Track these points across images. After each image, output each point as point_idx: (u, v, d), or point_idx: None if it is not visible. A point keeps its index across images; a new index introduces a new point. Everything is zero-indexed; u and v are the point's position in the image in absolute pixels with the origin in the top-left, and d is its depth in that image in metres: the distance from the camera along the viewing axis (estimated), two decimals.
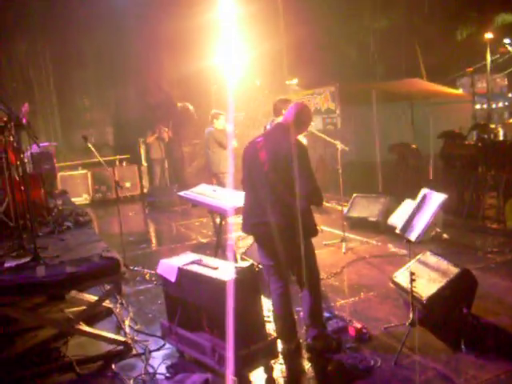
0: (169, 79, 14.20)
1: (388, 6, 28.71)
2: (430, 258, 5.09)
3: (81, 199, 12.37)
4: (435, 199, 4.40)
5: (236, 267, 3.92)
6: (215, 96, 14.40)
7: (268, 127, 6.94)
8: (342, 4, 27.01)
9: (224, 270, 3.97)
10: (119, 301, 5.69)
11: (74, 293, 5.41)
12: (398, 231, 4.69)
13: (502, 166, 12.39)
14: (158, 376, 4.11)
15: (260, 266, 4.81)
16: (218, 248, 6.13)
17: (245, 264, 4.06)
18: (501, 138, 15.94)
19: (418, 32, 30.77)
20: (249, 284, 3.89)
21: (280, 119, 4.60)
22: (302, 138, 6.56)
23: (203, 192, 6.27)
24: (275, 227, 4.14)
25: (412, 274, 4.38)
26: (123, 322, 5.15)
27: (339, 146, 7.21)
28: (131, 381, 4.03)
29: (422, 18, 29.63)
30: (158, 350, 4.57)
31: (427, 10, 29.02)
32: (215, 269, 4.04)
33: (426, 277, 4.81)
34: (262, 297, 4.09)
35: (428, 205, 4.43)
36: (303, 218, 4.13)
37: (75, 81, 14.45)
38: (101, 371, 4.28)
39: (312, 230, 4.32)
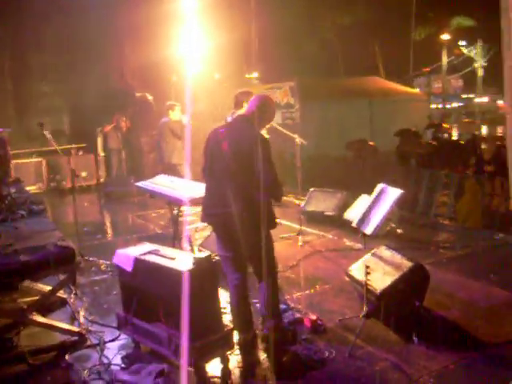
0: (129, 68, 14.02)
1: (350, 5, 29.04)
2: (385, 252, 5.19)
3: (34, 188, 12.09)
4: (391, 194, 4.50)
5: (193, 258, 3.91)
6: (174, 87, 14.30)
7: (229, 119, 6.93)
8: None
9: (181, 261, 3.95)
10: (73, 291, 5.61)
11: (27, 282, 5.29)
12: (354, 225, 4.78)
13: (455, 165, 12.74)
14: (112, 367, 4.07)
15: (217, 257, 4.80)
16: (174, 239, 6.10)
17: (202, 255, 4.05)
18: (455, 137, 16.35)
19: (378, 31, 31.25)
20: (206, 275, 3.89)
21: (242, 111, 4.58)
22: (264, 132, 6.59)
23: (161, 183, 6.24)
24: (235, 218, 4.14)
25: (367, 267, 4.47)
26: (77, 312, 5.09)
27: (298, 140, 7.26)
28: (85, 371, 3.98)
29: (382, 17, 30.10)
30: (113, 340, 4.53)
31: (387, 10, 29.49)
32: (172, 259, 4.02)
33: (380, 270, 4.91)
34: (220, 288, 4.10)
35: (384, 199, 4.52)
36: (263, 210, 4.15)
37: (33, 66, 14.08)
38: (54, 362, 4.21)
39: (271, 223, 4.32)
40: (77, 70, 14.07)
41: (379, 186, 4.71)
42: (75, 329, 4.62)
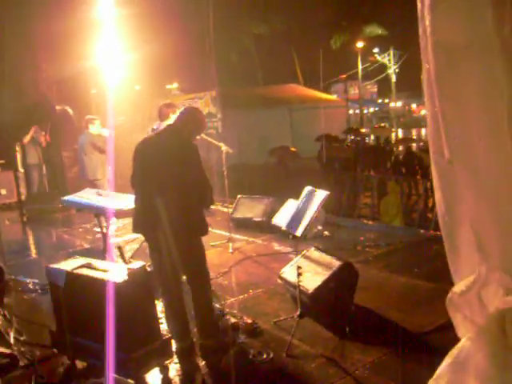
0: (47, 81, 13.61)
1: (267, 13, 29.55)
2: (314, 253, 5.35)
3: None
4: (318, 196, 4.65)
5: (128, 268, 3.89)
6: (95, 100, 14.06)
7: (155, 129, 6.94)
8: (221, 9, 27.35)
9: (115, 272, 3.93)
10: (1, 312, 5.40)
11: None
12: (283, 228, 4.90)
13: (375, 166, 13.23)
14: None
15: (150, 268, 4.78)
16: (104, 252, 6.01)
17: (136, 265, 4.03)
18: (372, 141, 16.95)
19: (296, 39, 31.98)
20: (141, 285, 3.88)
21: (170, 121, 4.61)
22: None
23: (87, 196, 6.15)
24: (166, 227, 4.15)
25: (298, 267, 4.60)
26: (7, 333, 4.91)
27: (223, 148, 7.34)
28: None
29: (299, 25, 30.82)
30: (48, 359, 4.41)
31: (304, 19, 30.20)
32: (105, 271, 3.99)
33: (311, 271, 5.05)
34: (155, 298, 4.10)
35: (312, 201, 4.66)
36: (194, 217, 4.21)
37: None
38: None
39: (203, 229, 4.37)
40: None
41: (306, 189, 4.85)
42: (6, 350, 4.46)
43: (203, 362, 4.28)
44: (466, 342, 2.38)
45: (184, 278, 4.56)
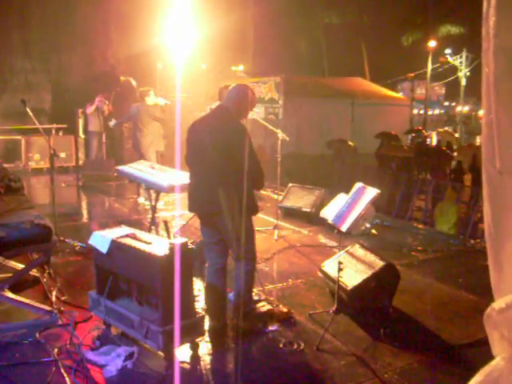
0: (115, 52, 13.89)
1: (340, 4, 29.19)
2: (359, 250, 5.29)
3: (12, 165, 11.95)
4: (368, 193, 4.57)
5: (170, 243, 3.94)
6: (160, 75, 14.25)
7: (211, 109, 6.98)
8: None
9: (157, 246, 3.98)
10: (47, 270, 5.59)
11: (0, 259, 5.27)
12: (330, 221, 4.85)
13: (434, 170, 12.93)
14: (83, 347, 4.08)
15: (192, 245, 4.84)
16: (152, 224, 6.12)
17: (178, 240, 4.08)
18: (434, 144, 16.55)
19: (367, 33, 31.48)
20: (181, 260, 3.92)
21: (222, 101, 4.63)
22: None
23: (141, 168, 6.24)
24: (219, 205, 4.21)
25: (340, 263, 4.55)
26: (50, 292, 5.08)
27: (280, 135, 7.31)
28: (55, 350, 3.99)
29: (372, 19, 30.33)
30: (85, 321, 4.53)
31: (377, 13, 29.68)
32: (149, 243, 4.05)
33: (352, 268, 5.00)
34: (193, 276, 4.14)
35: (361, 198, 4.60)
36: (246, 197, 4.23)
37: (15, 41, 13.82)
38: (24, 339, 4.21)
39: (253, 209, 4.42)
40: (60, 49, 13.90)
41: (357, 185, 4.78)
42: (47, 308, 4.62)
43: (233, 344, 4.30)
44: (500, 361, 2.29)
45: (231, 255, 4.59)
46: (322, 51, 32.53)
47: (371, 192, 4.54)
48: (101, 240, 4.27)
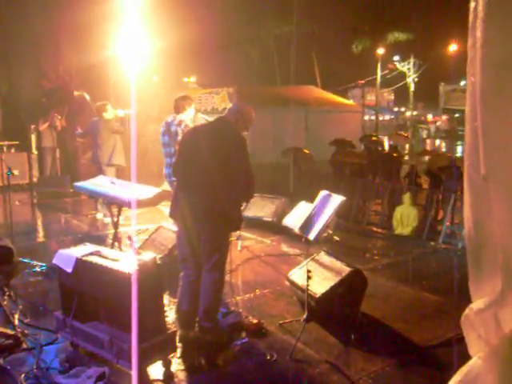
0: (67, 66, 13.63)
1: (290, 14, 29.48)
2: (324, 257, 5.32)
3: None
4: (333, 200, 4.61)
5: (138, 259, 3.88)
6: (113, 88, 14.07)
7: (169, 122, 6.95)
8: (245, 6, 27.32)
9: (125, 262, 3.91)
10: (7, 293, 5.41)
11: None
12: (296, 230, 4.87)
13: (388, 175, 13.13)
14: (51, 370, 3.96)
15: (159, 260, 4.79)
16: (115, 240, 6.01)
17: (147, 256, 4.02)
18: (386, 148, 16.82)
19: (317, 41, 31.92)
20: (151, 276, 3.87)
21: (224, 113, 4.65)
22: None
23: (101, 183, 6.13)
24: (204, 215, 4.23)
25: (308, 271, 4.56)
26: (12, 315, 4.91)
27: None
28: (22, 376, 3.85)
29: (321, 28, 30.76)
30: (51, 343, 4.39)
31: (326, 22, 30.12)
32: (116, 260, 3.97)
33: (320, 275, 5.02)
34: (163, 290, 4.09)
35: (326, 206, 4.63)
36: (233, 210, 4.28)
37: None
38: None
39: (237, 224, 4.47)
40: (10, 64, 13.56)
41: (322, 192, 4.82)
42: (10, 332, 4.47)
43: (205, 359, 4.25)
44: (477, 360, 2.34)
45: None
46: (273, 61, 32.80)
47: (337, 199, 4.58)
48: (65, 259, 4.16)
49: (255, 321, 4.80)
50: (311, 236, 4.53)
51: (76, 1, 12.08)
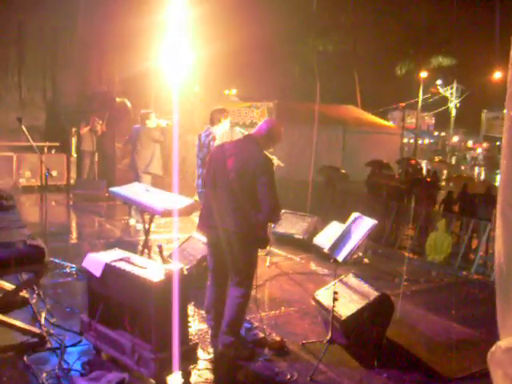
0: (110, 74, 13.90)
1: (334, 33, 29.57)
2: (352, 279, 5.25)
3: (2, 182, 11.84)
4: (365, 224, 4.56)
5: (165, 268, 3.90)
6: (154, 97, 14.30)
7: (202, 135, 7.03)
8: (290, 21, 27.44)
9: (152, 270, 3.94)
10: (36, 292, 5.50)
11: None
12: (326, 250, 4.82)
13: (424, 200, 12.96)
14: (72, 372, 4.00)
15: (187, 270, 4.80)
16: (144, 248, 6.06)
17: (174, 266, 4.04)
18: (424, 173, 16.64)
19: (359, 61, 31.87)
20: (176, 286, 3.88)
21: (252, 131, 4.67)
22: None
23: (135, 190, 6.20)
24: (230, 233, 4.29)
25: (335, 293, 4.52)
26: (39, 314, 4.98)
27: (276, 161, 7.30)
28: (44, 375, 3.90)
29: (365, 48, 30.72)
30: (75, 345, 4.44)
31: (371, 43, 30.07)
32: (144, 268, 4.00)
33: (347, 297, 4.96)
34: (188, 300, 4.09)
35: (357, 228, 4.58)
36: (259, 229, 4.33)
37: (12, 58, 13.77)
38: (11, 362, 4.12)
39: (265, 241, 4.50)
40: (56, 68, 13.88)
41: (354, 215, 4.77)
42: (36, 330, 4.53)
43: (225, 373, 4.23)
44: None
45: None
46: (314, 78, 32.82)
47: (369, 222, 4.53)
48: (94, 263, 4.21)
49: (278, 338, 4.77)
50: (340, 257, 4.49)
51: (122, 11, 12.33)
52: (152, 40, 12.48)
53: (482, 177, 30.57)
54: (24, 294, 5.28)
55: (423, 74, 31.80)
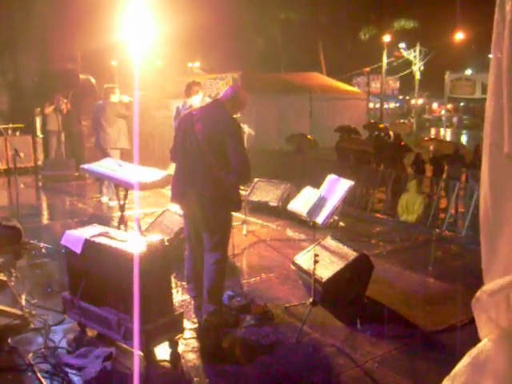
0: (73, 50, 13.57)
1: (295, 3, 29.31)
2: (331, 242, 5.33)
3: None
4: (342, 185, 4.61)
5: (146, 241, 3.89)
6: (118, 72, 14.06)
7: (180, 107, 7.03)
8: None
9: (133, 243, 3.91)
10: (14, 274, 5.43)
11: None
12: (304, 215, 4.87)
13: (393, 162, 13.11)
14: (59, 350, 3.99)
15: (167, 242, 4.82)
16: (120, 223, 6.02)
17: (155, 237, 4.03)
18: (392, 136, 16.77)
19: (322, 28, 31.77)
20: (158, 258, 3.88)
21: (220, 97, 4.64)
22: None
23: (108, 166, 6.13)
24: (202, 198, 4.29)
25: (316, 255, 4.57)
26: (19, 295, 4.93)
27: (246, 129, 7.30)
28: (30, 355, 3.88)
29: (327, 15, 30.63)
30: (59, 324, 4.42)
31: (332, 9, 29.97)
32: (124, 241, 3.98)
33: (326, 260, 5.04)
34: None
35: (335, 190, 4.62)
36: (231, 191, 4.34)
37: None
38: None
39: (236, 205, 4.51)
40: (17, 49, 13.48)
41: (330, 177, 4.81)
42: (18, 312, 4.49)
43: (210, 341, 4.27)
44: (488, 343, 2.34)
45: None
46: (278, 47, 32.67)
47: (345, 184, 4.58)
48: (74, 240, 4.17)
49: (261, 304, 4.82)
50: (320, 220, 4.53)
51: None
52: (112, 15, 12.20)
53: (448, 138, 30.97)
54: (1, 276, 5.23)
55: (386, 39, 31.89)
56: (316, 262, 4.55)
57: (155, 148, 13.03)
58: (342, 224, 7.87)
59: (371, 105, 37.10)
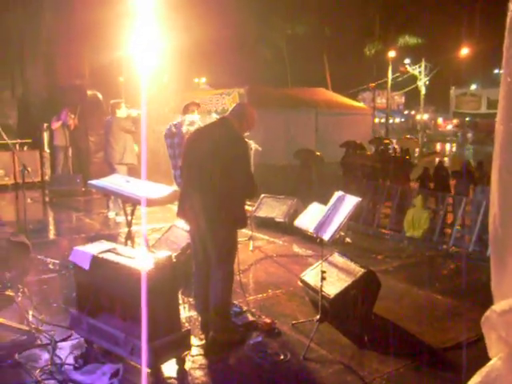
0: (81, 66, 13.68)
1: (302, 16, 29.50)
2: (338, 258, 5.32)
3: None
4: (349, 201, 4.61)
5: (154, 257, 3.90)
6: (125, 88, 14.14)
7: (177, 124, 7.15)
8: (256, 6, 27.33)
9: (141, 260, 3.93)
10: (21, 289, 5.44)
11: None
12: (311, 231, 4.86)
13: (399, 178, 13.13)
14: (65, 366, 3.98)
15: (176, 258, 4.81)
16: (127, 239, 6.02)
17: (163, 254, 4.04)
18: (397, 151, 16.81)
19: (328, 44, 31.95)
20: (166, 275, 3.88)
21: (227, 114, 4.66)
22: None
23: (116, 182, 6.15)
24: (208, 214, 4.28)
25: (323, 272, 4.57)
26: (26, 311, 4.93)
27: (253, 145, 7.33)
28: (37, 371, 3.87)
29: (333, 31, 30.81)
30: (65, 340, 4.42)
31: (338, 25, 30.15)
32: (132, 258, 3.99)
33: (333, 276, 5.03)
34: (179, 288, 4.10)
35: (342, 207, 4.63)
36: (236, 207, 4.33)
37: None
38: (2, 361, 4.08)
39: (242, 222, 4.49)
40: (26, 64, 13.60)
41: (336, 194, 4.81)
42: (25, 327, 4.49)
43: (219, 357, 4.25)
44: (497, 361, 2.33)
45: None
46: (284, 63, 32.83)
47: (352, 200, 4.58)
48: (82, 256, 4.18)
49: (268, 320, 4.81)
50: (326, 236, 4.53)
51: (89, 1, 12.14)
52: (120, 30, 12.30)
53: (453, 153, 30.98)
54: (9, 292, 5.24)
55: (391, 54, 32.02)
56: (323, 278, 4.55)
57: (161, 164, 13.07)
58: (348, 240, 7.87)
59: (377, 120, 37.16)
